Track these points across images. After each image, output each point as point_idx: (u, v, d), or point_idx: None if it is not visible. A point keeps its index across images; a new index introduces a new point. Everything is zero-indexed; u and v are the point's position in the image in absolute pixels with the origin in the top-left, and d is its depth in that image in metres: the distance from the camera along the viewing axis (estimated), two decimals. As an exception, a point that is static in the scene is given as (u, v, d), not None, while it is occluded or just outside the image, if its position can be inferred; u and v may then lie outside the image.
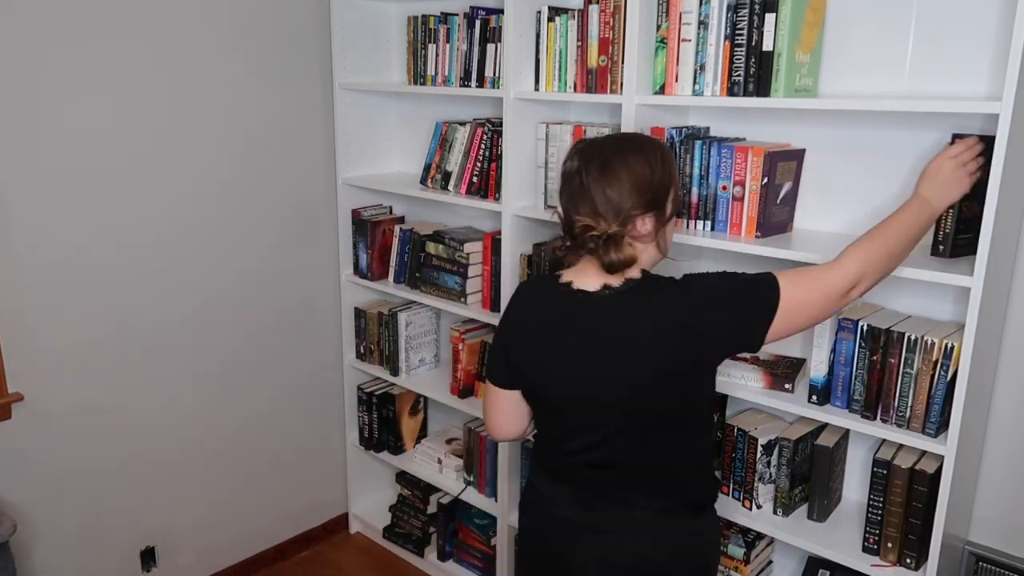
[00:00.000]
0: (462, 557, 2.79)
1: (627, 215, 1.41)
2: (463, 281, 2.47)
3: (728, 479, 2.00)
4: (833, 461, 1.90)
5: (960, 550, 1.87)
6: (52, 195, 2.17)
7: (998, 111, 1.45)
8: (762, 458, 1.94)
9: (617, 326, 1.42)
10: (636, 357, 1.40)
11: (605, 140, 1.51)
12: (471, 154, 2.40)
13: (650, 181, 1.43)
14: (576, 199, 1.44)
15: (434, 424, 2.98)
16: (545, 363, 1.49)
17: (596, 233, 1.40)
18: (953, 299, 1.78)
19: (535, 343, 1.51)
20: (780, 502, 1.94)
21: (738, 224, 1.86)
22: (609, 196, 1.41)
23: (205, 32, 2.40)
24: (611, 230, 1.40)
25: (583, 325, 1.44)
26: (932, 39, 1.72)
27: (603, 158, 1.44)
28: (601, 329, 1.43)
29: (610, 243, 1.40)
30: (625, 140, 1.52)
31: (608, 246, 1.40)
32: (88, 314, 2.29)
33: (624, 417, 1.44)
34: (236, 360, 2.66)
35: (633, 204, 1.41)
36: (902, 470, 1.72)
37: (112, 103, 2.24)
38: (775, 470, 1.94)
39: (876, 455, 1.77)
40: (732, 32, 1.79)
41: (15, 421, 2.19)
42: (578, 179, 1.44)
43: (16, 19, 2.03)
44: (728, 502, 1.99)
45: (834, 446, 1.89)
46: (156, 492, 2.54)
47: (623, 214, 1.41)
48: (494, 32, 2.29)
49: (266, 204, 2.65)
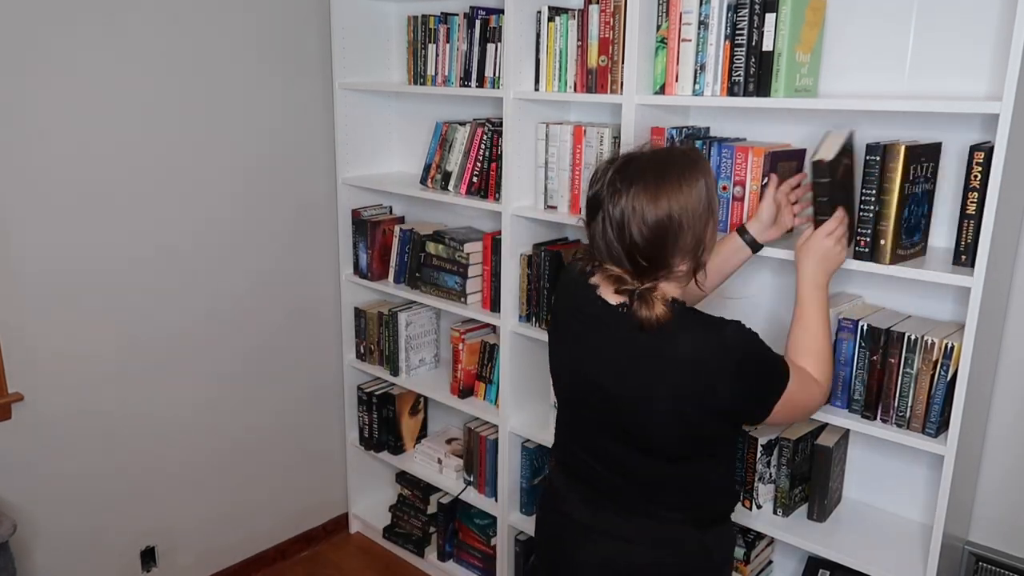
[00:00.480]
0: (462, 557, 2.79)
1: (665, 264, 1.34)
2: (463, 281, 2.47)
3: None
4: (833, 461, 1.90)
5: (960, 550, 1.87)
6: (53, 196, 2.17)
7: (998, 111, 1.45)
8: (762, 458, 1.93)
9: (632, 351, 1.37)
10: (645, 386, 1.36)
11: (648, 162, 1.36)
12: (471, 154, 2.40)
13: (694, 219, 1.32)
14: (609, 236, 1.33)
15: (434, 424, 2.98)
16: (568, 357, 1.49)
17: (628, 287, 1.34)
18: (953, 299, 1.78)
19: (564, 331, 1.52)
20: (780, 502, 1.94)
21: (738, 224, 1.86)
22: (647, 244, 1.31)
23: (205, 33, 2.40)
24: (642, 287, 1.33)
25: (602, 338, 1.42)
26: (932, 39, 1.72)
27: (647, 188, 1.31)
28: (617, 347, 1.39)
29: (642, 300, 1.33)
30: (670, 164, 1.35)
31: (641, 303, 1.33)
32: (88, 314, 2.29)
33: (633, 436, 1.42)
34: (236, 360, 2.66)
35: (671, 252, 1.33)
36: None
37: (111, 105, 2.24)
38: (775, 470, 1.94)
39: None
40: (732, 32, 1.79)
41: (15, 421, 2.19)
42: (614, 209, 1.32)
43: (15, 20, 2.03)
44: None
45: (834, 446, 1.89)
46: (156, 492, 2.54)
47: (660, 264, 1.33)
48: (494, 32, 2.28)
49: (266, 204, 2.65)
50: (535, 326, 2.30)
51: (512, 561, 2.56)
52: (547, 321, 2.26)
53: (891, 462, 1.93)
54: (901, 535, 1.87)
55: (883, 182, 1.59)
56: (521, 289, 2.33)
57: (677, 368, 1.34)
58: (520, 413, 2.44)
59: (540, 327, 2.29)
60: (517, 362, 2.39)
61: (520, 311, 2.35)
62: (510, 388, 2.40)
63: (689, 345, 1.34)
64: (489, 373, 2.55)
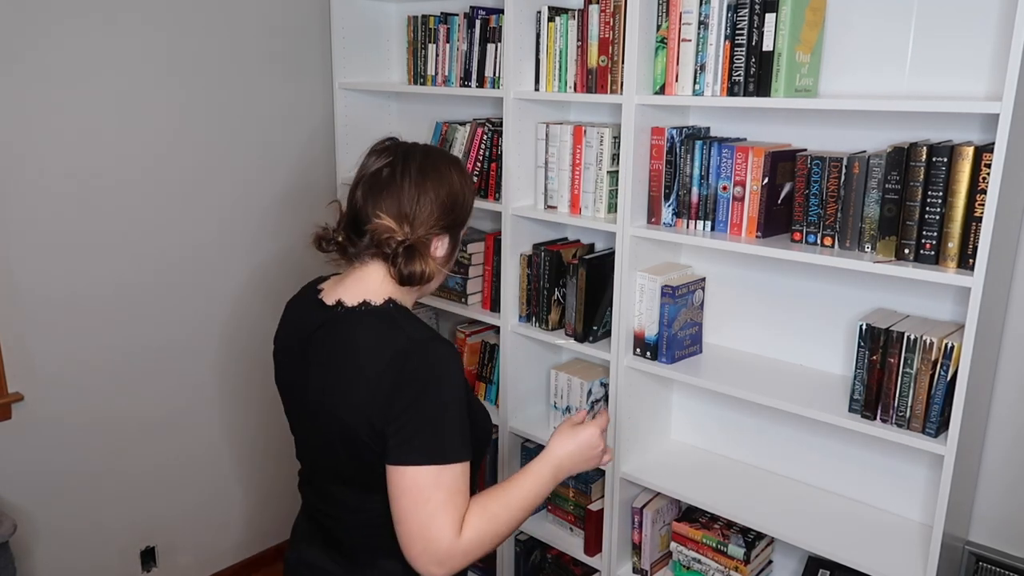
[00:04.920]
0: (462, 557, 2.78)
1: (431, 228, 1.28)
2: (464, 281, 2.47)
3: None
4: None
5: (960, 550, 1.87)
6: (52, 195, 2.17)
7: (998, 111, 1.45)
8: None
9: (335, 356, 1.25)
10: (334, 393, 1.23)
11: (418, 145, 1.36)
12: (471, 154, 2.40)
13: (458, 200, 1.31)
14: (379, 193, 1.27)
15: (434, 424, 2.97)
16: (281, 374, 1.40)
17: (398, 238, 1.25)
18: (953, 299, 1.78)
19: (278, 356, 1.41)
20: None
21: (738, 224, 1.86)
22: (421, 201, 1.26)
23: (205, 32, 2.40)
24: (413, 238, 1.26)
25: (312, 345, 1.29)
26: (932, 39, 1.72)
27: (421, 161, 1.30)
28: (321, 350, 1.27)
29: (412, 253, 1.26)
30: (439, 151, 1.37)
31: (409, 256, 1.26)
32: (88, 314, 2.29)
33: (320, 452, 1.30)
34: (236, 360, 2.66)
35: (439, 218, 1.28)
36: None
37: (110, 104, 2.24)
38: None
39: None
40: (732, 32, 1.79)
41: (15, 421, 2.19)
42: (389, 172, 1.28)
43: (12, 21, 2.03)
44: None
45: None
46: (156, 492, 2.54)
47: (428, 225, 1.27)
48: (494, 32, 2.29)
49: (266, 204, 2.65)
50: (535, 326, 2.30)
51: (512, 561, 2.55)
52: (547, 321, 2.27)
53: (891, 462, 1.93)
54: (901, 535, 1.87)
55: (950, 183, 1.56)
56: (521, 289, 2.33)
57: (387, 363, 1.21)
58: (520, 413, 2.44)
59: (540, 327, 2.29)
60: (517, 362, 2.39)
61: (520, 311, 2.35)
62: (510, 388, 2.40)
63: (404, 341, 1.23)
64: (489, 373, 2.55)
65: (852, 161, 1.69)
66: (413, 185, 1.27)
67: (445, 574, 1.16)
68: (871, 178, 1.67)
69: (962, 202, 1.56)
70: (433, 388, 1.17)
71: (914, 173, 1.60)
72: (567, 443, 1.33)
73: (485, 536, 1.18)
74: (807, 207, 1.76)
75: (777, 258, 1.78)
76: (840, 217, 1.72)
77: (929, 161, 1.58)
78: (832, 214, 1.73)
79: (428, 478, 1.14)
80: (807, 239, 1.78)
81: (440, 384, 1.18)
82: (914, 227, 1.61)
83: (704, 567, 2.09)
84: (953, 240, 1.57)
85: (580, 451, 1.34)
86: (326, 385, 1.25)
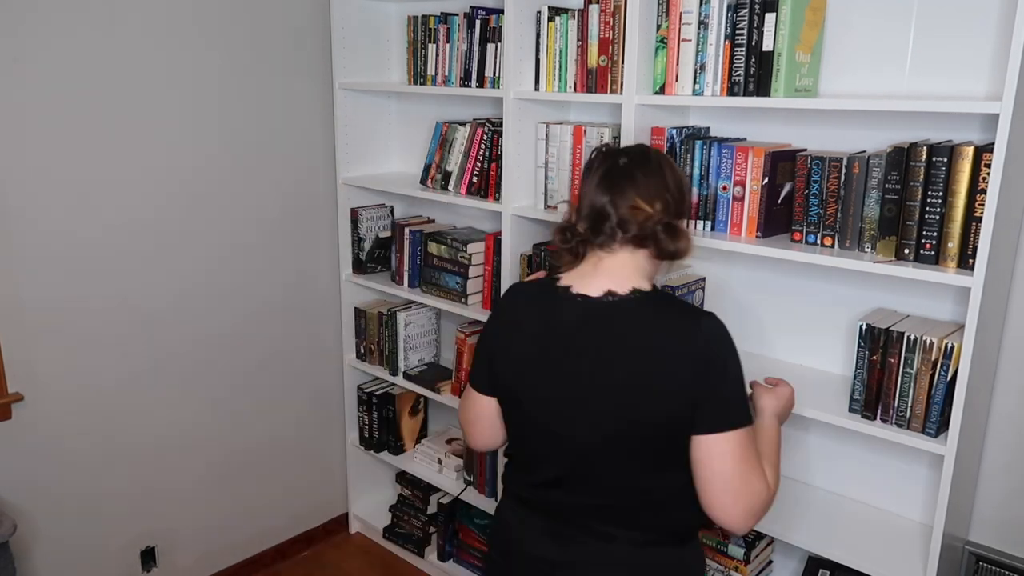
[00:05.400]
0: (462, 557, 2.79)
1: (674, 212, 1.36)
2: (464, 281, 2.47)
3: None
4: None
5: (960, 550, 1.87)
6: (53, 195, 2.17)
7: (998, 111, 1.45)
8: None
9: (627, 342, 1.29)
10: (639, 377, 1.27)
11: (632, 146, 1.46)
12: (471, 154, 2.40)
13: (685, 187, 1.41)
14: (616, 184, 1.34)
15: (434, 424, 2.98)
16: (530, 375, 1.37)
17: (654, 219, 1.32)
18: (953, 299, 1.78)
19: (522, 351, 1.39)
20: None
21: (738, 224, 1.86)
22: (668, 188, 1.35)
23: (204, 32, 2.40)
24: (668, 218, 1.33)
25: (582, 336, 1.32)
26: (932, 39, 1.72)
27: (649, 156, 1.39)
28: (604, 341, 1.30)
29: (674, 230, 1.34)
30: (652, 148, 1.46)
31: (672, 234, 1.33)
32: (89, 314, 2.29)
33: (605, 443, 1.31)
34: (236, 360, 2.66)
35: (678, 202, 1.37)
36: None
37: (111, 106, 2.24)
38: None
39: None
40: (732, 32, 1.79)
41: (15, 421, 2.19)
42: (618, 164, 1.36)
43: (11, 20, 2.03)
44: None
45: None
46: (156, 492, 2.54)
47: (672, 208, 1.35)
48: (494, 32, 2.29)
49: (266, 204, 2.65)
50: (535, 326, 2.30)
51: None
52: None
53: (891, 462, 1.93)
54: (901, 535, 1.87)
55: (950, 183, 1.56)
56: (521, 289, 2.33)
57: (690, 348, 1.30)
58: (520, 413, 2.43)
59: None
60: (517, 362, 2.39)
61: (520, 311, 2.34)
62: (510, 388, 2.40)
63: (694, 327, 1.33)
64: (489, 373, 2.54)
65: (852, 161, 1.69)
66: (654, 174, 1.36)
67: (754, 525, 1.32)
68: (871, 178, 1.67)
69: (962, 202, 1.56)
70: (732, 359, 1.31)
71: (914, 173, 1.60)
72: (774, 401, 1.54)
73: (776, 479, 1.37)
74: (807, 207, 1.77)
75: (777, 258, 1.78)
76: (840, 217, 1.72)
77: (929, 161, 1.58)
78: (832, 214, 1.73)
79: (745, 439, 1.29)
80: (807, 239, 1.78)
81: (734, 354, 1.32)
82: (914, 227, 1.62)
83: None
84: (953, 240, 1.58)
85: (790, 402, 1.59)
86: (630, 372, 1.29)
